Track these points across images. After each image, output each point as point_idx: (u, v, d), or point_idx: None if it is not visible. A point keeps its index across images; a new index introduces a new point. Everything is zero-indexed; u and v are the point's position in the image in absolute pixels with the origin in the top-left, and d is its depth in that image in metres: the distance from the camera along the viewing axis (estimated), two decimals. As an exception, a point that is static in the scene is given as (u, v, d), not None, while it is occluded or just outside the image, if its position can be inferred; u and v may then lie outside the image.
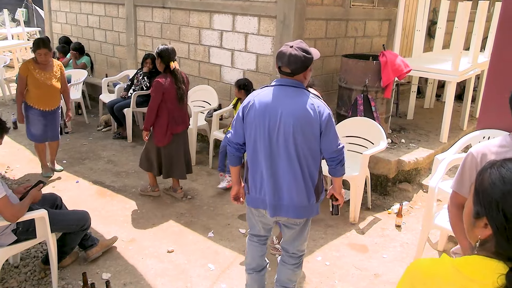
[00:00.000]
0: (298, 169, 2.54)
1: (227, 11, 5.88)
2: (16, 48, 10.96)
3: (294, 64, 2.46)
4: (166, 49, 4.31)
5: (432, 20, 7.77)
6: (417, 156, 5.04)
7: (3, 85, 8.21)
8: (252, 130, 2.56)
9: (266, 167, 2.56)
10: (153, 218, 4.31)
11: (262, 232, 2.91)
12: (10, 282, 3.28)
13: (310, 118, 2.45)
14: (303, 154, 2.52)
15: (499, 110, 4.15)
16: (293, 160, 2.52)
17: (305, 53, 2.48)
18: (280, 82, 2.55)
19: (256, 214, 2.79)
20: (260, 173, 2.61)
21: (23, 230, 3.05)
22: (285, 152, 2.50)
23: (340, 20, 5.85)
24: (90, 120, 7.38)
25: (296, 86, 2.51)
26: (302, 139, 2.48)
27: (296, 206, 2.61)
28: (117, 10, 7.83)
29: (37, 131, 4.97)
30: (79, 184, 5.03)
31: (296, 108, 2.45)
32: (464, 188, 2.12)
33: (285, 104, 2.47)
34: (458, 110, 6.70)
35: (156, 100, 4.31)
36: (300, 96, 2.48)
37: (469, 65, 5.72)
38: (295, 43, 2.51)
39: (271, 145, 2.52)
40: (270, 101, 2.50)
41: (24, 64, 4.83)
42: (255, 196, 2.69)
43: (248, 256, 3.02)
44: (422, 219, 3.65)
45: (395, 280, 3.48)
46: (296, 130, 2.45)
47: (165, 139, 4.42)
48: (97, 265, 3.53)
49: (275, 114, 2.47)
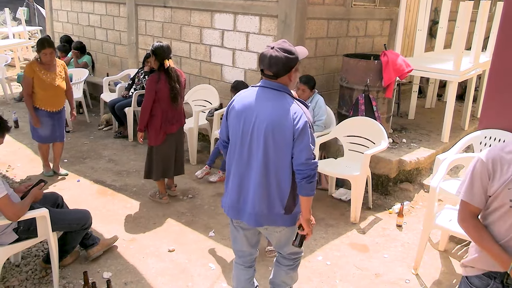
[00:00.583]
0: (264, 177, 2.41)
1: (228, 10, 5.87)
2: (17, 47, 10.97)
3: (275, 66, 2.33)
4: (161, 47, 4.23)
5: (433, 19, 7.76)
6: (418, 156, 5.03)
7: (4, 84, 8.21)
8: (230, 129, 2.51)
9: (235, 169, 2.49)
10: (154, 217, 4.31)
11: (245, 246, 2.73)
12: (11, 281, 3.29)
13: (284, 125, 2.31)
14: (273, 162, 2.38)
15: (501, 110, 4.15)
16: (260, 167, 2.39)
17: (287, 54, 2.32)
18: (265, 84, 2.42)
19: (234, 220, 2.67)
20: (230, 174, 2.55)
21: (24, 229, 3.06)
22: (255, 157, 2.40)
23: (342, 20, 5.84)
24: (91, 119, 7.39)
25: (278, 90, 2.38)
26: (272, 147, 2.35)
27: (257, 213, 2.47)
28: (118, 9, 7.83)
29: (45, 133, 4.95)
30: (80, 183, 5.03)
31: (271, 113, 2.33)
32: (476, 197, 2.00)
33: (261, 108, 2.36)
34: (460, 110, 6.69)
35: (148, 100, 4.24)
36: (278, 101, 2.35)
37: (470, 65, 5.71)
38: (277, 44, 2.36)
39: (242, 148, 2.44)
40: (248, 103, 2.41)
41: (29, 65, 4.78)
42: (226, 199, 2.60)
43: (234, 278, 2.90)
44: (423, 219, 3.64)
45: (395, 280, 3.48)
46: (267, 136, 2.34)
47: (158, 139, 4.35)
48: (98, 264, 3.54)
49: (250, 117, 2.38)
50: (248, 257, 2.81)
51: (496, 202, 1.97)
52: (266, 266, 3.57)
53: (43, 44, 4.73)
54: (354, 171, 4.30)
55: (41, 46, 4.72)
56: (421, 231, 3.64)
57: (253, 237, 2.72)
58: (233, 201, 2.54)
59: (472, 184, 2.01)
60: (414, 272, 3.58)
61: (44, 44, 4.73)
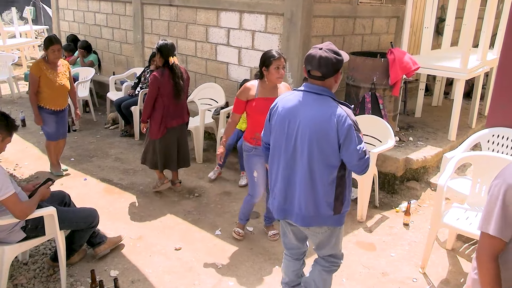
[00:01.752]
0: (310, 180, 2.42)
1: (234, 8, 5.87)
2: (24, 46, 11.03)
3: (325, 67, 2.35)
4: (165, 44, 4.35)
5: (440, 17, 7.72)
6: (425, 154, 5.01)
7: (12, 83, 8.25)
8: (273, 134, 2.54)
9: (281, 172, 2.51)
10: (161, 216, 4.33)
11: (293, 240, 2.81)
12: (19, 279, 3.31)
13: (328, 131, 2.31)
14: (318, 165, 2.39)
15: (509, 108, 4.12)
16: (306, 170, 2.41)
17: (336, 55, 2.37)
18: (307, 88, 2.43)
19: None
20: (275, 177, 2.57)
21: (32, 228, 3.07)
22: (300, 160, 2.42)
23: (348, 18, 5.82)
24: (98, 118, 7.41)
25: (322, 94, 2.38)
26: (317, 151, 2.36)
27: (304, 215, 2.50)
28: (124, 8, 7.84)
29: (51, 130, 5.00)
30: (87, 182, 5.05)
31: (315, 118, 2.34)
32: (508, 230, 1.74)
33: (305, 113, 2.37)
34: (467, 108, 6.65)
35: (151, 94, 4.38)
36: (322, 106, 2.35)
37: (477, 62, 5.67)
38: (325, 45, 2.39)
39: (287, 152, 2.46)
40: (292, 107, 2.42)
41: (36, 64, 4.81)
42: (273, 200, 2.64)
43: (283, 269, 2.99)
44: (431, 217, 3.63)
45: (403, 279, 3.47)
46: (311, 141, 2.36)
47: (158, 133, 4.48)
48: (105, 262, 3.55)
49: (294, 122, 2.40)
50: (296, 250, 2.88)
51: None
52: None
53: (50, 40, 4.77)
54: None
55: (49, 43, 4.75)
56: (428, 230, 3.62)
57: (300, 233, 2.76)
58: (280, 203, 2.58)
59: (504, 215, 1.74)
60: (421, 271, 3.57)
61: (52, 41, 4.76)
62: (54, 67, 4.84)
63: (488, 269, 1.80)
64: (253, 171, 3.66)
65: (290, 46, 5.28)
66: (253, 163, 3.64)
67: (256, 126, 3.50)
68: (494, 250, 1.80)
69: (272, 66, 3.43)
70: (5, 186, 2.78)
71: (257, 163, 3.61)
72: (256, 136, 3.50)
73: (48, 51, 4.77)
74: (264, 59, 3.46)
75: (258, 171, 3.64)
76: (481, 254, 1.83)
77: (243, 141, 3.72)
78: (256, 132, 3.51)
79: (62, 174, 5.17)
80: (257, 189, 3.72)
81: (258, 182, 3.68)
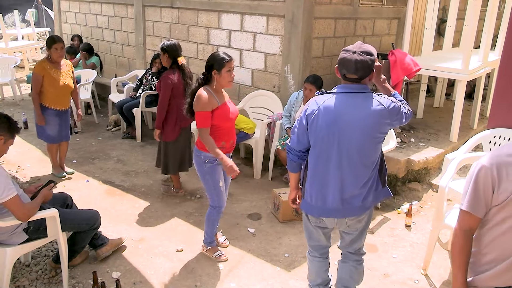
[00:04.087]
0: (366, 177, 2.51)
1: (235, 10, 5.88)
2: (26, 48, 11.05)
3: (361, 71, 2.41)
4: (173, 44, 4.35)
5: (441, 18, 7.71)
6: (426, 155, 5.01)
7: (14, 85, 8.28)
8: (318, 139, 2.51)
9: (334, 174, 2.51)
10: (162, 217, 4.33)
11: (322, 241, 2.84)
12: (22, 280, 3.31)
13: (380, 123, 2.42)
14: (370, 162, 2.50)
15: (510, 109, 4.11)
16: (359, 169, 2.48)
17: (370, 56, 2.42)
18: (346, 89, 2.47)
19: (313, 220, 2.73)
20: (323, 180, 2.56)
21: (34, 229, 3.08)
22: (354, 161, 2.46)
23: (349, 19, 5.82)
24: (100, 120, 7.43)
25: (363, 91, 2.46)
26: (370, 148, 2.46)
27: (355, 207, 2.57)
28: (126, 10, 7.86)
29: (53, 132, 4.99)
30: (89, 184, 5.06)
31: (365, 116, 2.40)
32: (480, 207, 1.90)
33: (353, 112, 2.41)
34: (468, 109, 6.64)
35: (166, 96, 4.34)
36: (367, 102, 2.42)
37: (479, 63, 5.66)
38: (357, 48, 2.43)
39: (340, 154, 2.46)
40: (338, 109, 2.43)
41: (39, 63, 4.83)
42: (311, 203, 2.64)
43: (312, 272, 2.98)
44: (432, 218, 3.62)
45: (404, 280, 3.47)
46: (366, 140, 2.43)
47: (174, 134, 4.46)
48: (107, 264, 3.56)
49: (343, 124, 2.42)
50: (324, 249, 2.92)
51: (503, 213, 1.85)
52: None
53: (53, 39, 4.79)
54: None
55: (52, 41, 4.77)
56: (430, 231, 3.62)
57: (328, 233, 2.84)
58: (338, 205, 2.56)
59: (475, 193, 1.90)
60: (423, 272, 3.56)
61: (54, 39, 4.79)
62: (57, 66, 4.85)
63: (458, 241, 1.99)
64: (218, 182, 3.44)
65: (291, 47, 5.29)
66: (218, 172, 3.43)
67: (222, 134, 3.35)
68: (466, 224, 1.97)
69: (225, 69, 3.25)
70: (7, 188, 2.78)
71: (221, 173, 3.46)
72: (222, 144, 3.35)
73: (51, 50, 4.78)
74: (215, 62, 3.25)
75: (222, 180, 3.48)
76: (456, 228, 2.03)
77: (199, 152, 3.41)
78: (222, 140, 3.36)
79: (64, 176, 5.18)
80: (222, 198, 3.53)
81: (223, 191, 3.52)
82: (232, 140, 3.47)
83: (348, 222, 2.64)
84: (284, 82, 5.48)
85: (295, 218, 4.29)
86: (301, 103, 4.93)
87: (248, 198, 4.79)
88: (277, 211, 4.33)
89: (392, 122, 2.49)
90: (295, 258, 3.72)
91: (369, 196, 2.57)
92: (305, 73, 5.24)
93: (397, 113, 2.48)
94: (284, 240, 3.98)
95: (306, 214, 2.77)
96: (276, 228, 4.19)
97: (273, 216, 4.40)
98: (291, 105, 5.01)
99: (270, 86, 5.70)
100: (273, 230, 4.15)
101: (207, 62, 3.30)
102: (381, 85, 2.70)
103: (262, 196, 4.83)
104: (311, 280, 3.02)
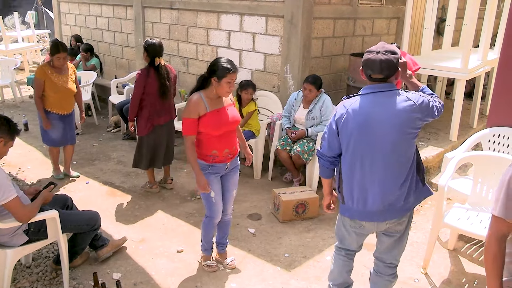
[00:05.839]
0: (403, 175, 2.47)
1: (234, 11, 5.89)
2: (26, 50, 11.07)
3: (387, 70, 2.42)
4: (153, 44, 4.44)
5: (440, 17, 7.72)
6: (426, 154, 5.02)
7: (14, 88, 8.29)
8: (351, 142, 2.48)
9: (370, 176, 2.48)
10: (163, 218, 4.34)
11: (354, 245, 2.83)
12: (22, 282, 3.32)
13: (411, 118, 2.40)
14: (406, 158, 2.47)
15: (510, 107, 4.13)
16: (395, 167, 2.45)
17: (394, 54, 2.43)
18: (372, 89, 2.47)
19: (351, 225, 2.68)
20: (360, 183, 2.52)
21: (35, 231, 3.09)
22: (389, 160, 2.44)
23: (348, 19, 5.83)
24: (100, 121, 7.44)
25: (390, 90, 2.46)
26: (404, 145, 2.44)
27: (402, 209, 2.53)
28: (125, 11, 7.88)
29: (57, 136, 4.98)
30: (89, 185, 5.07)
31: (395, 113, 2.39)
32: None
33: (383, 111, 2.41)
34: (468, 108, 6.64)
35: (137, 93, 4.46)
36: (395, 99, 2.42)
37: (478, 62, 5.67)
38: (380, 47, 2.44)
39: (374, 154, 2.44)
40: (367, 110, 2.43)
41: (41, 68, 4.82)
42: (352, 206, 2.59)
43: (335, 271, 2.94)
44: (432, 218, 3.63)
45: (405, 279, 3.47)
46: (399, 137, 2.41)
47: (145, 130, 4.56)
48: (107, 265, 3.56)
49: (374, 123, 2.41)
50: (354, 251, 2.90)
51: None
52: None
53: (57, 48, 4.74)
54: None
55: (56, 50, 4.74)
56: (430, 230, 3.62)
57: (362, 240, 2.82)
58: (379, 206, 2.52)
59: (508, 197, 1.85)
60: (423, 271, 3.57)
61: (58, 48, 4.74)
62: (59, 71, 4.84)
63: (491, 248, 1.91)
64: (210, 191, 3.27)
65: (291, 47, 5.29)
66: (210, 182, 3.24)
67: (213, 142, 3.17)
68: (499, 230, 1.91)
69: (226, 79, 3.07)
70: (7, 190, 2.79)
71: (213, 182, 3.26)
72: (213, 153, 3.19)
73: (53, 58, 4.76)
74: (218, 69, 3.07)
75: (215, 190, 3.29)
76: (488, 234, 1.94)
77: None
78: (213, 149, 3.18)
79: (63, 178, 5.18)
80: (215, 208, 3.35)
81: (216, 201, 3.33)
82: (228, 149, 3.24)
83: (388, 224, 2.59)
84: (283, 82, 5.49)
85: (295, 218, 4.30)
86: (300, 103, 4.94)
87: (248, 198, 4.80)
88: (277, 211, 4.33)
89: (424, 117, 2.45)
90: (296, 258, 3.73)
91: (410, 197, 2.52)
92: (305, 73, 5.25)
93: (427, 108, 2.45)
94: (285, 240, 3.99)
95: (342, 217, 2.72)
96: (276, 228, 4.19)
97: (273, 216, 4.40)
98: (291, 105, 5.02)
99: (270, 87, 5.71)
100: (273, 230, 4.16)
101: (211, 66, 3.14)
102: (408, 81, 2.70)
103: (262, 196, 4.83)
104: (332, 279, 2.97)
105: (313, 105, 4.82)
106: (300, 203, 4.27)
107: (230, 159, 3.31)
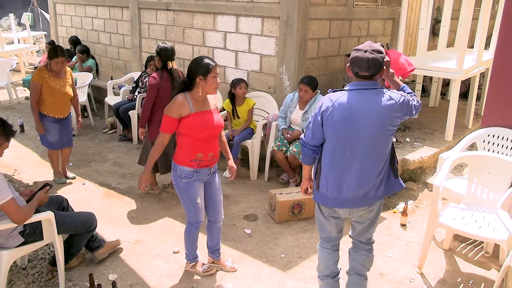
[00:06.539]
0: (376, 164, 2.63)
1: (230, 12, 5.90)
2: (22, 52, 11.04)
3: (373, 68, 2.52)
4: (165, 48, 4.42)
5: (436, 18, 7.75)
6: (422, 154, 5.03)
7: (10, 89, 8.27)
8: (334, 133, 2.61)
9: (349, 166, 2.62)
10: (159, 219, 4.34)
11: (333, 232, 2.95)
12: (18, 283, 3.32)
13: (392, 116, 2.54)
14: (383, 153, 2.63)
15: (504, 108, 4.15)
16: (373, 160, 2.61)
17: (380, 54, 2.54)
18: (358, 86, 2.58)
19: (326, 212, 2.85)
20: (338, 172, 2.67)
21: (30, 232, 3.09)
22: (369, 153, 2.59)
23: (344, 20, 5.85)
24: (96, 122, 7.43)
25: (374, 88, 2.57)
26: (383, 140, 2.60)
27: (369, 197, 2.71)
28: (121, 13, 7.87)
29: (54, 139, 4.96)
30: (85, 186, 5.07)
31: (378, 111, 2.52)
32: None
33: (366, 108, 2.53)
34: (463, 108, 6.67)
35: (150, 97, 4.41)
36: (379, 97, 2.54)
37: (473, 63, 5.70)
38: (367, 46, 2.55)
39: (355, 147, 2.58)
40: (352, 106, 2.54)
41: (38, 71, 4.78)
42: (326, 194, 2.74)
43: (321, 264, 3.07)
44: (427, 217, 3.64)
45: (400, 279, 3.49)
46: (379, 133, 2.55)
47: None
48: (103, 266, 3.56)
49: (359, 118, 2.53)
50: (335, 241, 3.02)
51: None
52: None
53: (56, 52, 4.70)
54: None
55: (54, 55, 4.69)
56: (425, 230, 3.63)
57: (340, 224, 2.95)
58: (332, 192, 2.71)
59: None
60: (418, 271, 3.58)
61: (57, 53, 4.70)
62: (56, 75, 4.81)
63: None
64: (196, 198, 3.22)
65: (287, 48, 5.30)
66: (195, 189, 3.20)
67: (198, 145, 3.11)
68: None
69: (211, 75, 3.03)
70: (3, 191, 2.79)
71: (199, 189, 3.23)
72: (199, 157, 3.13)
73: (52, 62, 4.72)
74: (200, 68, 3.03)
75: (200, 196, 3.26)
76: None
77: (176, 166, 3.21)
78: (198, 152, 3.12)
79: (64, 182, 5.16)
80: (200, 214, 3.31)
81: (202, 206, 3.30)
82: (212, 153, 3.19)
83: (360, 212, 2.77)
84: (279, 83, 5.50)
85: (292, 218, 4.31)
86: (296, 104, 4.95)
87: (244, 199, 4.80)
88: (274, 211, 4.34)
89: (403, 115, 2.60)
90: (292, 258, 3.74)
91: (381, 187, 2.71)
92: (300, 74, 5.26)
93: (407, 106, 2.60)
94: (281, 240, 4.00)
95: (318, 206, 2.88)
96: (273, 228, 4.20)
97: (269, 217, 4.41)
98: (287, 106, 5.03)
99: (266, 87, 5.72)
100: (269, 231, 4.17)
101: (192, 68, 3.07)
102: (391, 79, 2.83)
103: (258, 197, 4.84)
104: (320, 271, 3.09)
105: (309, 106, 4.83)
106: (296, 203, 4.29)
107: (214, 163, 3.29)
